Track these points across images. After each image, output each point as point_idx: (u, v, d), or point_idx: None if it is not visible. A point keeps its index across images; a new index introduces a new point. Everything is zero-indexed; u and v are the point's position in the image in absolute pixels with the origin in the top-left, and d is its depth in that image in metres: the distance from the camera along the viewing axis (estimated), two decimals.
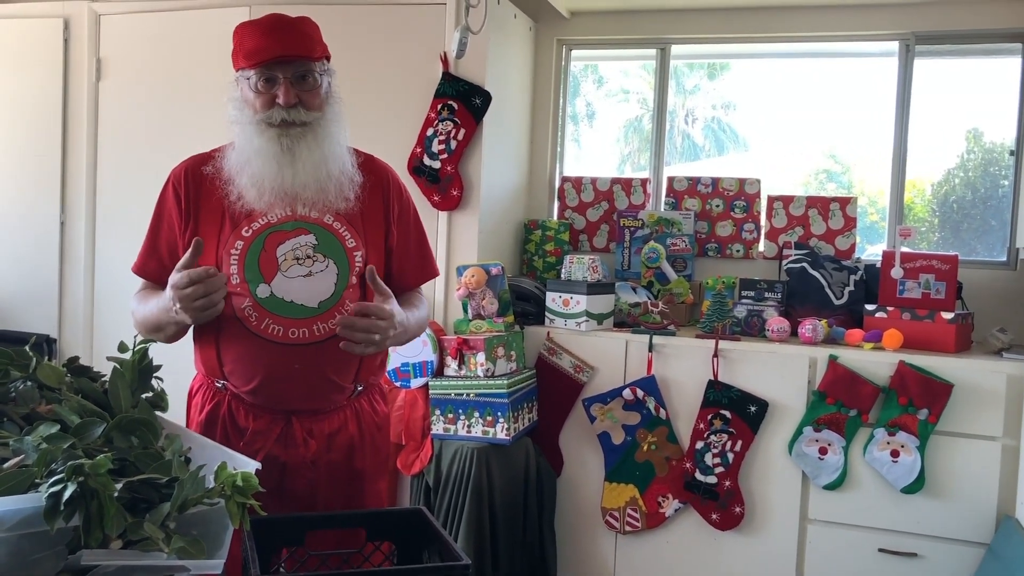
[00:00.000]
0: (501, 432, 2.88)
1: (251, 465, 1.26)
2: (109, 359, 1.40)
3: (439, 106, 3.18)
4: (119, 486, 1.06)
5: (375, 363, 1.92)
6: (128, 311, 1.89)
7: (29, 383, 1.33)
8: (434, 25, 3.21)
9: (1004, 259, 3.34)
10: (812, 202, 3.46)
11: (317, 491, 1.83)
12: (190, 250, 1.65)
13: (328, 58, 1.83)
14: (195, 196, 1.81)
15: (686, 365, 3.01)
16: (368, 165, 1.90)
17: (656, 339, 3.04)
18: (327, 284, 1.77)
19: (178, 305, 1.63)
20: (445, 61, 3.19)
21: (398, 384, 3.06)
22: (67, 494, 1.00)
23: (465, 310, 3.10)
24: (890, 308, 2.99)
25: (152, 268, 1.87)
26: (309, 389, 1.80)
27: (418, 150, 3.21)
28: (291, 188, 1.74)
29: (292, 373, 1.77)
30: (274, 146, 1.73)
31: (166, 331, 1.77)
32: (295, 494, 1.81)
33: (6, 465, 1.12)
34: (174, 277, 1.63)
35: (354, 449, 1.88)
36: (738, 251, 3.56)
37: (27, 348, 1.38)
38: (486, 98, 3.16)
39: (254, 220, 1.77)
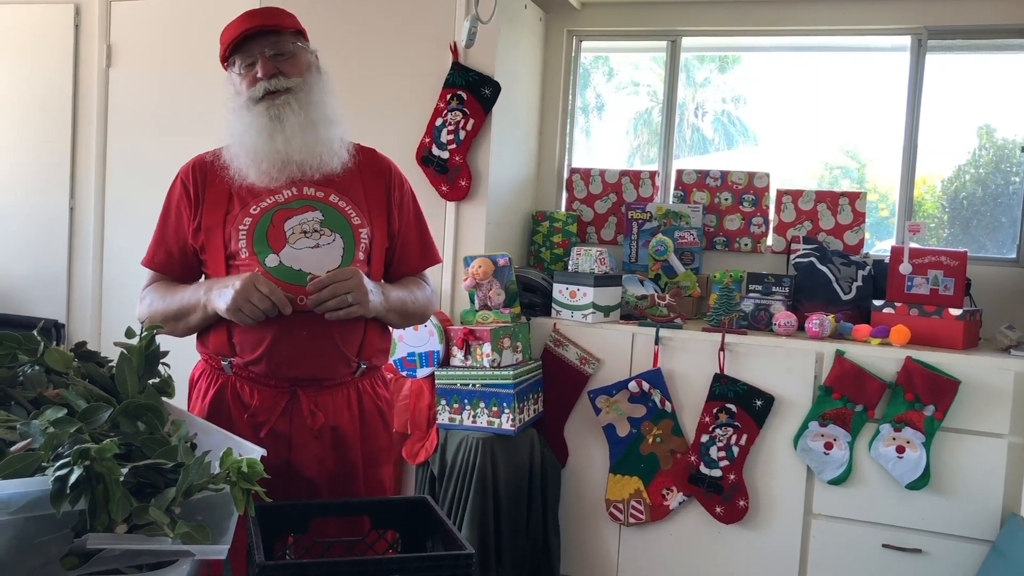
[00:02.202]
0: (506, 423, 2.88)
1: (256, 451, 1.26)
2: (116, 344, 1.41)
3: (448, 96, 3.18)
4: (125, 471, 1.07)
5: (378, 340, 1.93)
6: (136, 298, 1.90)
7: (37, 367, 1.34)
8: (444, 14, 3.20)
9: (1014, 256, 3.33)
10: (821, 196, 3.45)
11: (325, 466, 1.84)
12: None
13: (305, 37, 1.91)
14: (203, 186, 1.86)
15: (692, 358, 3.01)
16: (370, 156, 1.97)
17: (662, 332, 3.03)
18: (334, 255, 1.81)
19: (234, 296, 1.67)
20: (455, 51, 3.18)
21: (404, 373, 3.07)
22: (73, 478, 1.01)
23: (472, 300, 3.10)
24: (898, 304, 2.98)
25: (160, 259, 1.90)
26: (315, 357, 1.81)
27: (427, 140, 3.21)
28: (284, 154, 1.80)
29: (299, 340, 1.79)
30: (263, 118, 1.80)
31: (189, 321, 1.81)
32: (302, 469, 1.81)
33: (13, 448, 1.13)
34: (264, 284, 1.68)
35: (357, 429, 1.89)
36: (746, 245, 3.56)
37: (35, 333, 1.39)
38: (495, 88, 3.16)
39: (262, 199, 1.82)
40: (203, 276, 1.91)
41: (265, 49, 1.81)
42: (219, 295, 1.72)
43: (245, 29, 1.81)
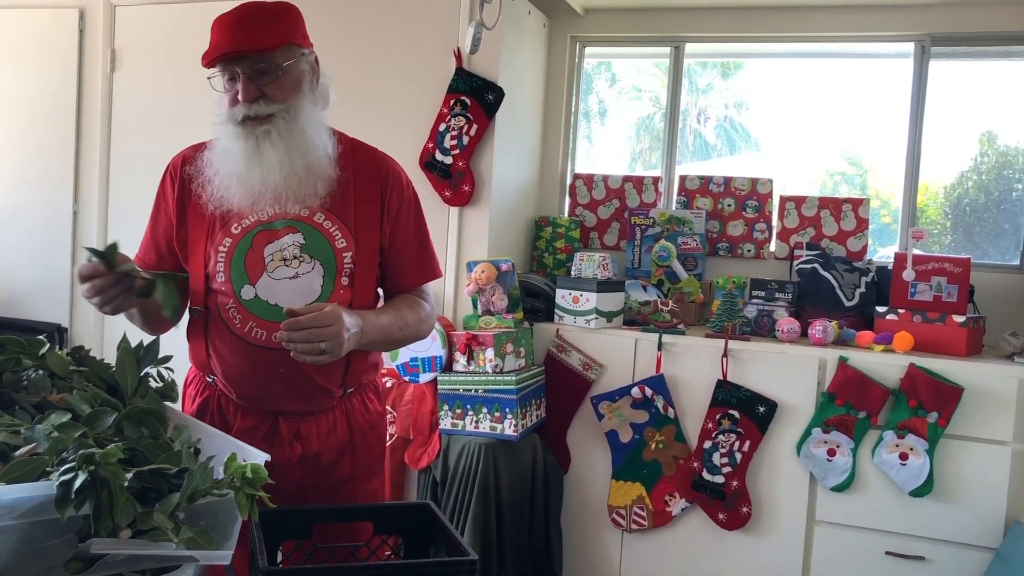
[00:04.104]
0: (509, 428, 2.88)
1: (260, 457, 1.26)
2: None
3: (452, 101, 3.18)
4: (129, 476, 1.07)
5: (365, 364, 1.85)
6: None
7: (41, 372, 1.34)
8: (448, 20, 3.21)
9: (1017, 263, 3.33)
10: (824, 203, 3.45)
11: (305, 491, 1.80)
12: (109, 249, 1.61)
13: (300, 42, 1.73)
14: (187, 190, 1.77)
15: (695, 364, 3.01)
16: (368, 157, 1.83)
17: (665, 338, 3.03)
18: (313, 286, 1.72)
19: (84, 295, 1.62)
20: (458, 56, 3.19)
21: (407, 378, 3.07)
22: (78, 483, 1.01)
23: (475, 306, 3.10)
24: (901, 310, 2.98)
25: (152, 260, 1.83)
26: (295, 393, 1.76)
27: (430, 145, 3.21)
28: (263, 183, 1.68)
29: (276, 377, 1.74)
30: (241, 144, 1.68)
31: (135, 320, 1.78)
32: (284, 493, 1.76)
33: (18, 453, 1.13)
34: (84, 272, 1.60)
35: (344, 451, 1.84)
36: (749, 251, 3.55)
37: (42, 338, 1.39)
38: (499, 94, 3.16)
39: (244, 217, 1.73)
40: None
41: (248, 68, 1.65)
42: None
43: (224, 52, 1.64)
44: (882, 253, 3.58)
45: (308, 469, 1.80)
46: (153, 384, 1.42)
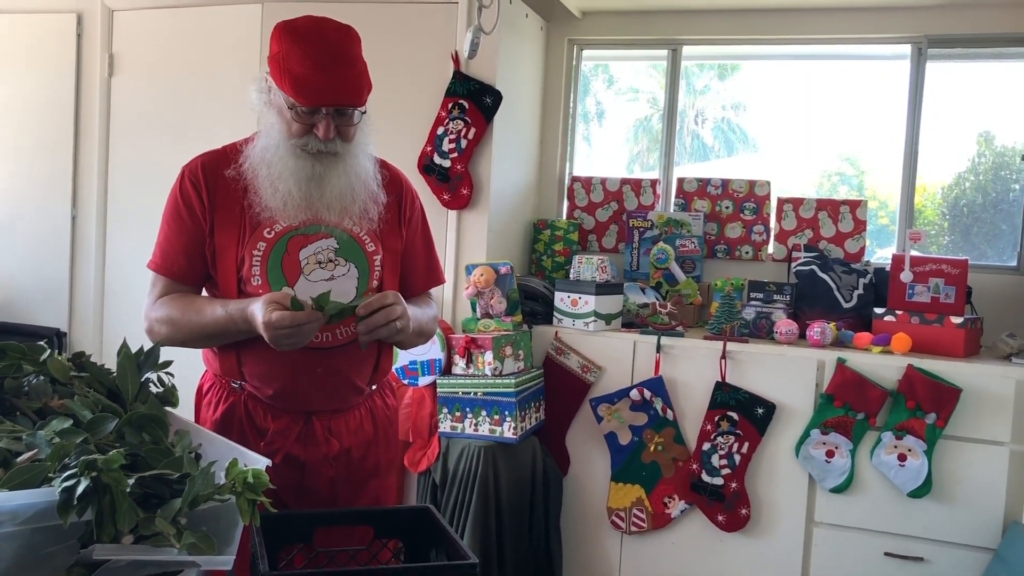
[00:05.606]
0: (508, 431, 2.88)
1: (261, 462, 1.26)
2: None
3: (450, 105, 3.18)
4: (131, 481, 1.07)
5: (389, 361, 1.96)
6: (138, 307, 1.86)
7: (42, 377, 1.34)
8: (446, 24, 3.21)
9: (1014, 264, 3.33)
10: (822, 204, 3.46)
11: (337, 488, 1.85)
12: (277, 292, 1.66)
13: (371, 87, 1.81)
14: (212, 194, 1.78)
15: (694, 366, 3.01)
16: (382, 167, 1.91)
17: (664, 340, 3.04)
18: (349, 287, 1.80)
19: (267, 336, 1.61)
20: (456, 60, 3.19)
21: (406, 382, 3.07)
22: (80, 489, 1.01)
23: (474, 309, 3.10)
24: (899, 312, 2.98)
25: (181, 266, 1.81)
26: (330, 391, 1.82)
27: (428, 149, 3.22)
28: (317, 206, 1.75)
29: (314, 377, 1.79)
30: (306, 170, 1.74)
31: (224, 339, 1.76)
32: (316, 492, 1.82)
33: (20, 459, 1.13)
34: (273, 316, 1.58)
35: (370, 446, 1.90)
36: (747, 253, 3.56)
37: (43, 343, 1.39)
38: (497, 97, 3.17)
39: (275, 222, 1.76)
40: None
41: (332, 110, 1.72)
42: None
43: (331, 103, 1.69)
44: (880, 254, 3.59)
45: (340, 466, 1.85)
46: (154, 389, 1.42)
